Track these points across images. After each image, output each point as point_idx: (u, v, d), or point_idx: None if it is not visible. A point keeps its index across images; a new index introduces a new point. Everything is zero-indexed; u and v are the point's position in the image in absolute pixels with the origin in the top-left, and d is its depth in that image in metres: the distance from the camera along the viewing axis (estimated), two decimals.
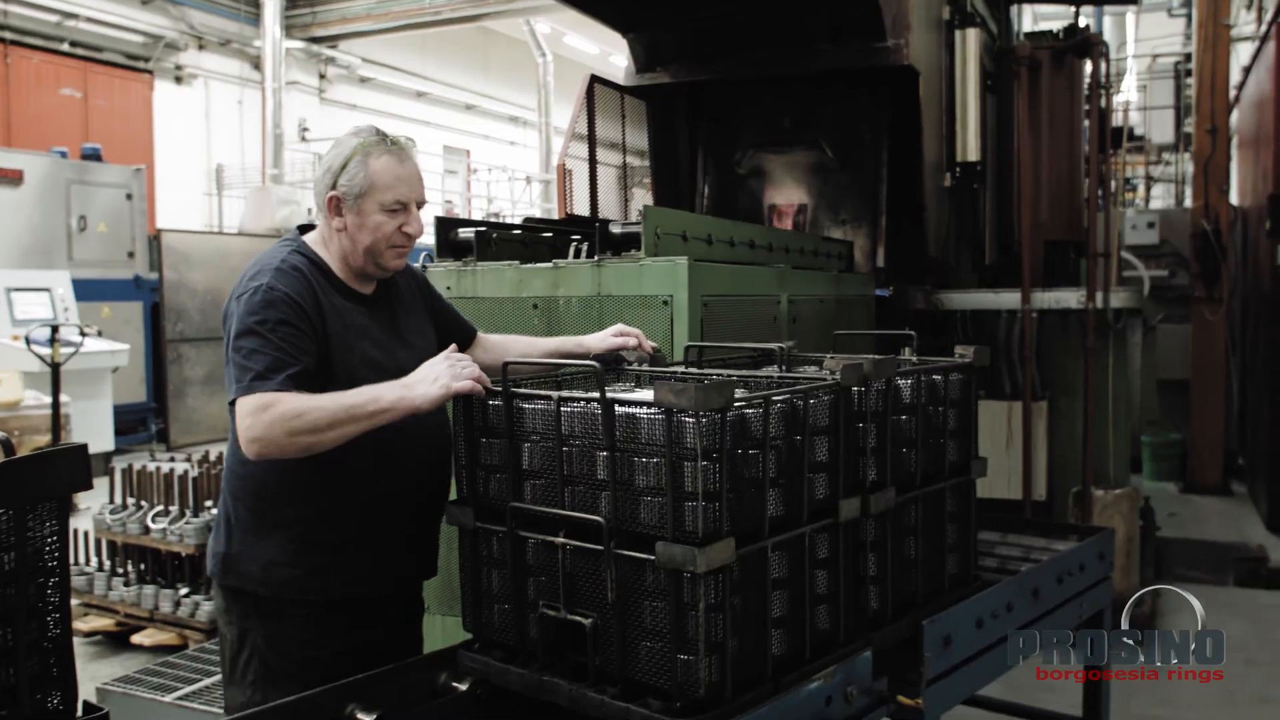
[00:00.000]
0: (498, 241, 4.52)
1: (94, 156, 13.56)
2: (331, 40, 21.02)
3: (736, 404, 2.04)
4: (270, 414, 2.35)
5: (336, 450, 2.39)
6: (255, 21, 19.23)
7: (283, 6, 18.72)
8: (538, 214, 21.26)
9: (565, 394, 2.26)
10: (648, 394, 2.16)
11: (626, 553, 2.04)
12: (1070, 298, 6.49)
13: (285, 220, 14.96)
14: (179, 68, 19.40)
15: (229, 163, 19.83)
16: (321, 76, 22.03)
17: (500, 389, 2.33)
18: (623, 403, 2.11)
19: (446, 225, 4.56)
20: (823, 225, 6.99)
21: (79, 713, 1.40)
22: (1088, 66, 7.03)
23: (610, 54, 24.32)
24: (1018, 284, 6.51)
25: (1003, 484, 6.50)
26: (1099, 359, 6.51)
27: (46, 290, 11.54)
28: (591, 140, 6.43)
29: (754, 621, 2.11)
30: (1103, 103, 6.99)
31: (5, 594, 1.29)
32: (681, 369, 2.76)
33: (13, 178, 12.31)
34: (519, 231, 4.95)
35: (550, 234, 4.92)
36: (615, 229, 4.31)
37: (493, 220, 14.16)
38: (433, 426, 2.67)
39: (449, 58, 25.08)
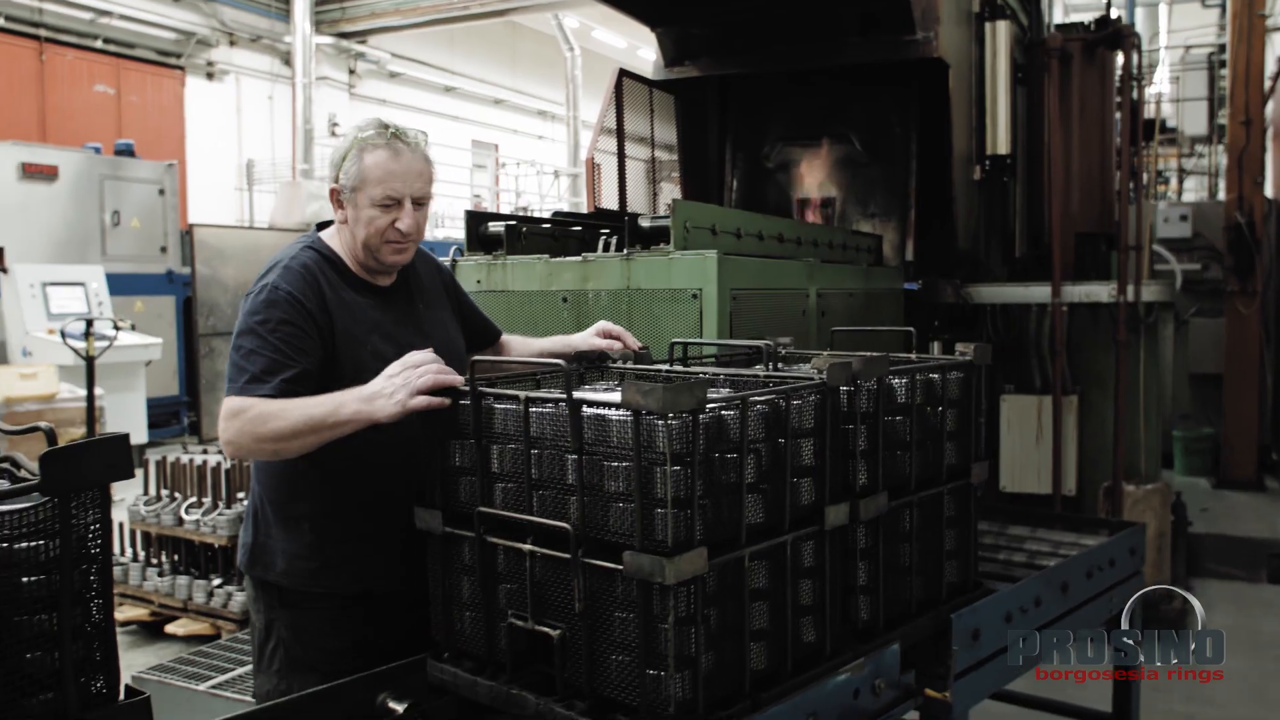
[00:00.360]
0: (527, 235, 4.55)
1: (127, 152, 13.70)
2: (361, 36, 21.12)
3: (712, 405, 1.94)
4: (240, 420, 2.40)
5: (347, 448, 2.40)
6: (285, 17, 19.37)
7: (313, 2, 18.84)
8: (566, 208, 21.32)
9: (533, 394, 2.15)
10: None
11: (594, 561, 1.95)
12: (1101, 291, 6.44)
13: (315, 215, 15.05)
14: (210, 64, 19.55)
15: (259, 158, 19.98)
16: (351, 72, 22.14)
17: (469, 389, 2.24)
18: (591, 403, 2.00)
19: (476, 219, 4.59)
20: (852, 219, 6.97)
21: (121, 696, 1.43)
22: (1119, 58, 6.97)
23: (639, 48, 24.30)
24: (1048, 277, 6.47)
25: (1033, 478, 6.48)
26: (1130, 353, 6.46)
27: (81, 285, 11.68)
28: (620, 134, 6.45)
29: (731, 635, 2.00)
30: (1134, 95, 6.93)
31: (50, 580, 1.32)
32: (666, 367, 2.65)
33: (48, 173, 12.46)
34: (548, 225, 4.98)
35: (579, 228, 4.94)
36: (644, 223, 4.32)
37: (522, 214, 14.21)
38: None
39: (477, 52, 25.14)
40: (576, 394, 2.05)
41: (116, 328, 9.94)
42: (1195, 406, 10.82)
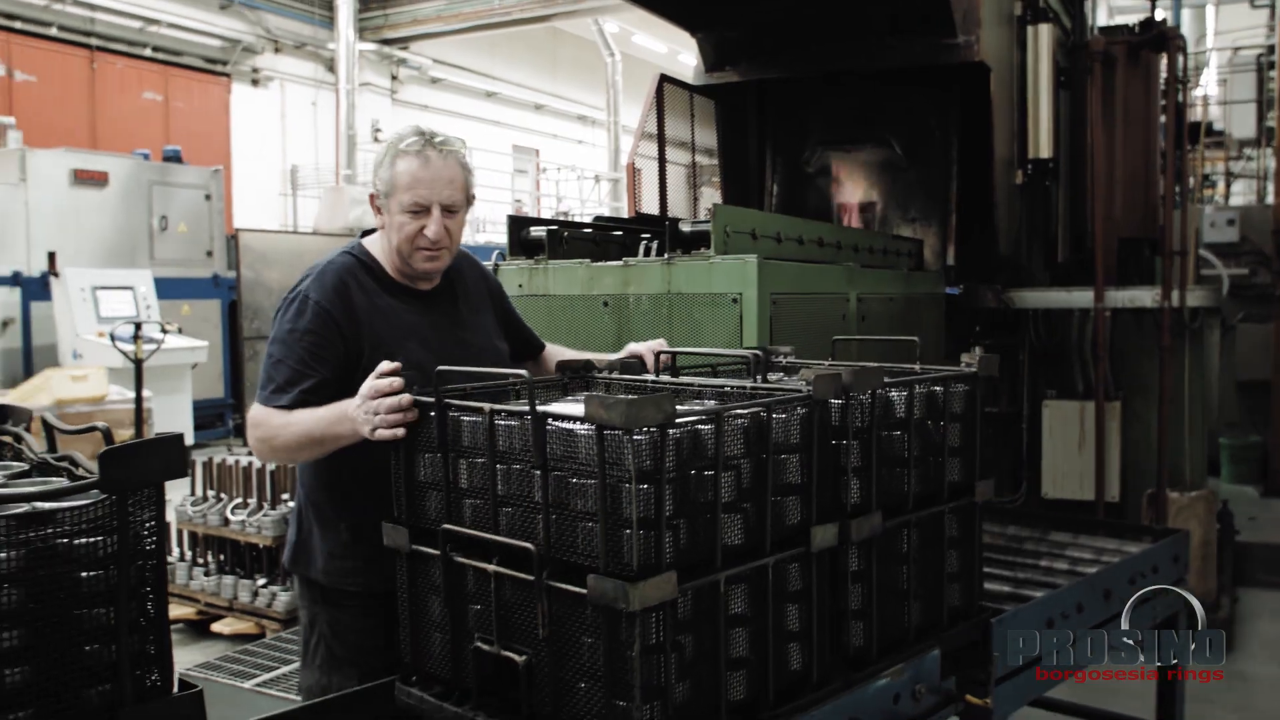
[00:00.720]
0: (569, 240, 4.58)
1: (174, 158, 13.91)
2: (403, 42, 21.33)
3: (684, 419, 1.83)
4: (258, 431, 2.56)
5: (377, 452, 2.40)
6: (329, 24, 19.59)
7: (356, 9, 19.04)
8: (606, 213, 21.35)
9: (498, 406, 2.03)
10: None
11: (559, 585, 1.84)
12: (1145, 296, 6.38)
13: (358, 220, 15.20)
14: (255, 70, 19.81)
15: (303, 163, 20.21)
16: (393, 78, 22.35)
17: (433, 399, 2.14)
18: (557, 417, 1.89)
19: (518, 224, 4.63)
20: (892, 223, 6.96)
21: (174, 689, 1.47)
22: (1164, 61, 6.91)
23: (679, 53, 24.34)
24: (1091, 282, 6.42)
25: (1075, 484, 6.43)
26: (1174, 359, 6.39)
27: (130, 289, 11.86)
28: (661, 139, 6.48)
29: (708, 662, 1.88)
30: (1179, 97, 6.87)
31: (108, 575, 1.36)
32: (652, 377, 2.54)
33: (99, 179, 12.67)
34: (589, 230, 5.01)
35: (620, 233, 4.97)
36: (685, 227, 4.35)
37: (563, 219, 14.27)
38: None
39: (518, 58, 25.28)
40: (544, 407, 1.94)
41: (164, 331, 10.09)
42: (1243, 414, 10.66)
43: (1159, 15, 7.16)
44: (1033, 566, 3.59)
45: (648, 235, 4.59)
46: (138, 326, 9.14)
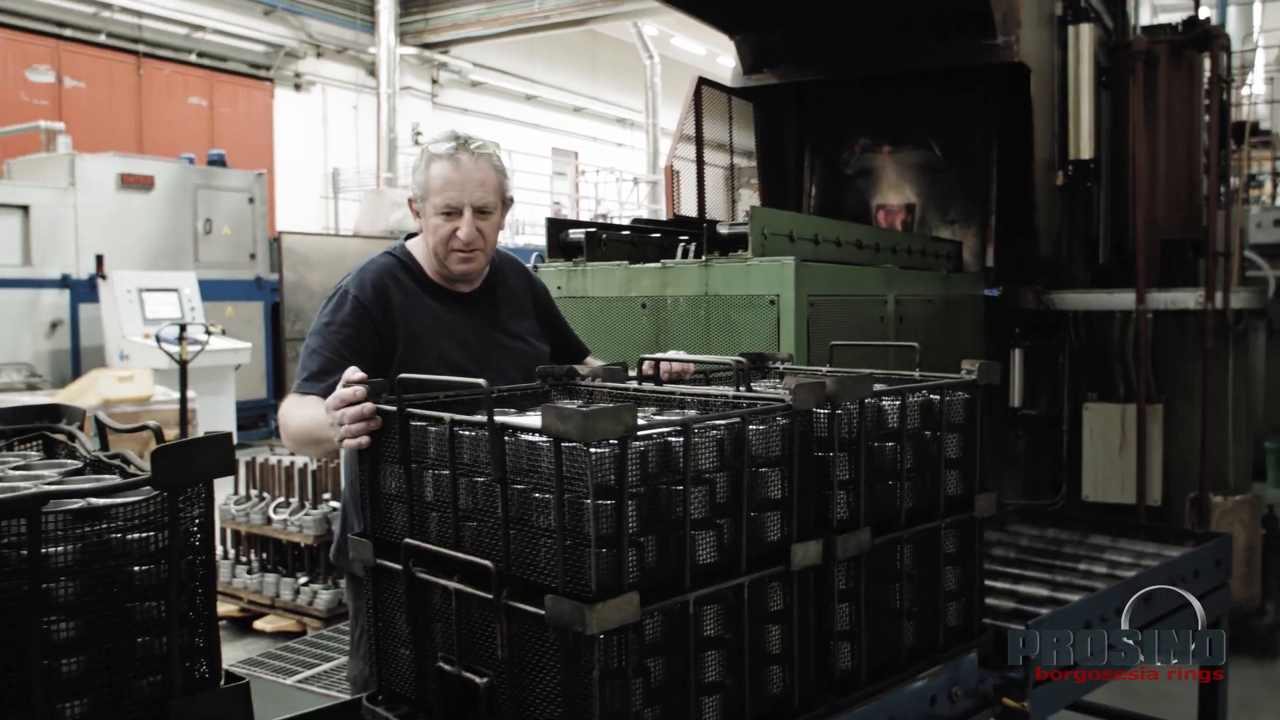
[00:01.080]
0: (607, 242, 4.62)
1: (219, 162, 14.10)
2: (443, 46, 21.47)
3: (649, 431, 1.75)
4: (280, 421, 2.69)
5: None
6: (371, 29, 19.77)
7: (397, 14, 19.19)
8: (645, 215, 21.41)
9: (458, 416, 1.92)
10: None
11: (519, 605, 1.75)
12: (1188, 298, 6.32)
13: (399, 223, 15.33)
14: (298, 75, 20.03)
15: (345, 166, 20.40)
16: (434, 81, 22.51)
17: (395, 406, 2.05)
18: (516, 429, 1.80)
19: (557, 226, 4.67)
20: (931, 225, 6.94)
21: (222, 682, 1.51)
22: (1208, 60, 6.84)
23: (718, 55, 24.33)
24: (1132, 284, 6.37)
25: (1116, 488, 6.37)
26: (1218, 362, 6.32)
27: (175, 291, 12.04)
28: (699, 141, 6.50)
29: (678, 688, 1.79)
30: (1224, 96, 6.79)
31: (159, 569, 1.40)
32: (634, 386, 2.44)
33: (145, 183, 12.88)
34: (628, 232, 5.04)
35: (658, 234, 5.00)
36: (722, 229, 4.37)
37: (601, 221, 14.31)
38: None
39: (558, 61, 25.38)
40: (506, 418, 1.87)
41: (208, 333, 10.21)
42: None
43: (1204, 13, 7.09)
44: (1071, 570, 3.58)
45: (685, 237, 4.61)
46: (183, 328, 9.28)
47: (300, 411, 2.56)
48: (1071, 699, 3.10)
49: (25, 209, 11.71)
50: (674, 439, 1.76)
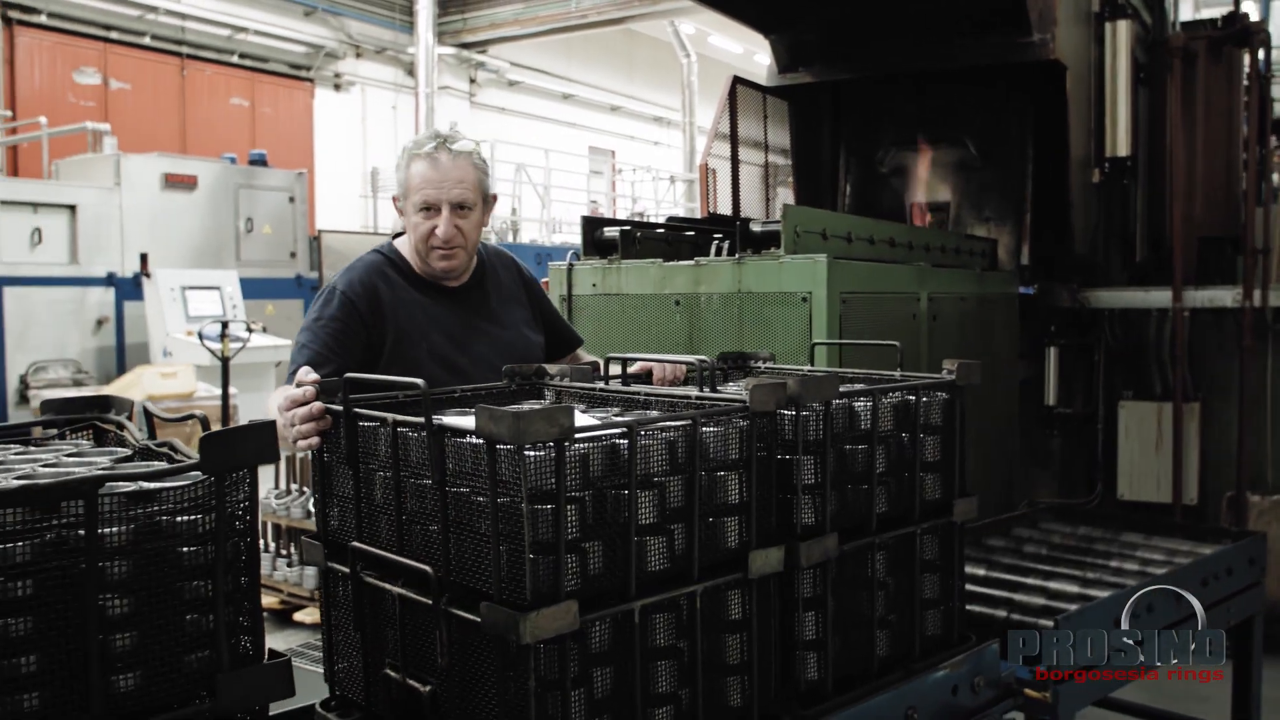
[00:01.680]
0: (641, 240, 4.66)
1: (260, 162, 14.28)
2: (481, 45, 21.62)
3: (588, 433, 1.68)
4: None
5: None
6: (409, 29, 19.93)
7: (435, 14, 19.33)
8: (681, 213, 21.43)
9: (401, 417, 1.87)
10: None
11: (458, 612, 1.71)
12: (1225, 296, 6.28)
13: None
14: (337, 75, 20.24)
15: (384, 166, 20.56)
16: (472, 81, 22.65)
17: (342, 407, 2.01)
18: (455, 431, 1.74)
19: (592, 224, 4.72)
20: (966, 223, 6.93)
21: (265, 658, 1.58)
22: (1248, 56, 6.78)
23: (754, 53, 24.28)
24: (1169, 282, 6.34)
25: (1151, 487, 6.35)
26: (1256, 360, 6.27)
27: (217, 289, 12.22)
28: (734, 140, 6.53)
29: (626, 699, 1.72)
30: (1264, 92, 6.73)
31: (206, 551, 1.47)
32: (601, 386, 2.38)
33: (188, 183, 13.08)
34: (662, 230, 5.09)
35: (692, 233, 5.04)
36: (756, 227, 4.41)
37: (637, 219, 14.37)
38: None
39: (595, 60, 25.46)
40: (445, 419, 1.82)
41: (249, 330, 10.38)
42: None
43: (1245, 7, 7.02)
44: (1102, 567, 3.59)
45: (719, 235, 4.65)
46: (224, 325, 9.42)
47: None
48: (1099, 695, 3.11)
49: (73, 209, 11.92)
50: (622, 441, 1.70)
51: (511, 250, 3.20)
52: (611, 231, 4.64)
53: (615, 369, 2.47)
